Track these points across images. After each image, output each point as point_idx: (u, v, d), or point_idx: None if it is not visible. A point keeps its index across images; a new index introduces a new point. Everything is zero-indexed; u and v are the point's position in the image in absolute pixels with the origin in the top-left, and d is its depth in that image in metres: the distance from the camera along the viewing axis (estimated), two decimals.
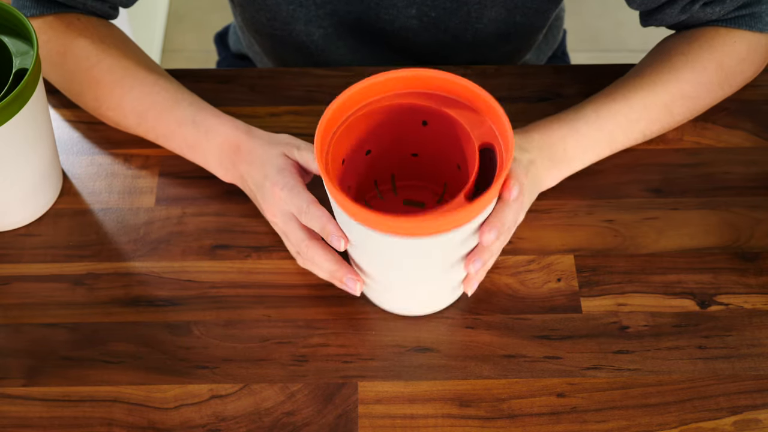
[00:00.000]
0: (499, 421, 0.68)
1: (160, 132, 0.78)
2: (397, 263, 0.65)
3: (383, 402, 0.69)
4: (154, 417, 0.68)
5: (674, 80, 0.79)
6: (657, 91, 0.78)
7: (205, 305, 0.73)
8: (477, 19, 0.87)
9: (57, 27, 0.80)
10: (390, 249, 0.62)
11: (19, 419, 0.68)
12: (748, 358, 0.71)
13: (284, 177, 0.70)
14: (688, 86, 0.79)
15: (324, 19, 0.89)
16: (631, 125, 0.78)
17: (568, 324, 0.72)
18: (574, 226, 0.78)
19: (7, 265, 0.76)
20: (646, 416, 0.68)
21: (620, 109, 0.77)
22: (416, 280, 0.67)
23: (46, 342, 0.71)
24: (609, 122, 0.77)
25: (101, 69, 0.79)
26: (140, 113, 0.78)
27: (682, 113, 0.80)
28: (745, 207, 0.79)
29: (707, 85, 0.79)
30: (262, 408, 0.68)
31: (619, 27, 2.03)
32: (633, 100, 0.78)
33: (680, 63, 0.79)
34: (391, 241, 0.60)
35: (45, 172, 0.76)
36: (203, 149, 0.76)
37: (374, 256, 0.65)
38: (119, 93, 0.78)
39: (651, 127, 0.79)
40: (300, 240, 0.69)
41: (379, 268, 0.67)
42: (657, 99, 0.78)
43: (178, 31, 2.06)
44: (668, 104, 0.78)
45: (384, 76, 0.63)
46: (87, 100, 0.80)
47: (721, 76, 0.80)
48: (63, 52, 0.80)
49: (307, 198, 0.68)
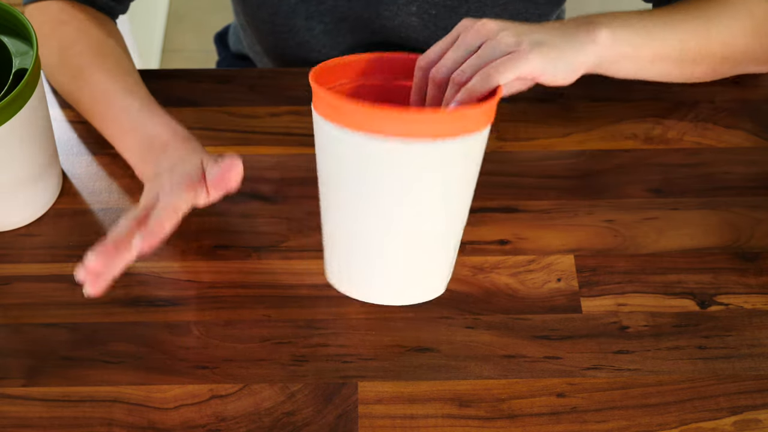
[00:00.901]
0: (499, 421, 0.68)
1: (105, 115, 0.78)
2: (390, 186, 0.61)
3: (383, 402, 0.69)
4: (154, 417, 0.68)
5: (705, 8, 0.77)
6: (689, 10, 0.77)
7: (205, 305, 0.73)
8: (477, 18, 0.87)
9: (52, 10, 0.83)
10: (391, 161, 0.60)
11: (19, 419, 0.68)
12: (748, 358, 0.71)
13: (181, 176, 0.68)
14: (723, 17, 0.77)
15: (325, 15, 0.89)
16: (668, 27, 0.75)
17: (568, 324, 0.72)
18: (574, 226, 0.78)
19: (7, 265, 0.76)
20: (646, 416, 0.68)
21: (655, 14, 0.75)
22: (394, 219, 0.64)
23: (46, 342, 0.71)
24: (646, 18, 0.74)
25: (75, 52, 0.80)
26: (95, 98, 0.79)
27: (717, 40, 0.77)
28: (745, 207, 0.79)
29: (740, 24, 0.78)
30: (262, 408, 0.68)
31: None
32: (664, 12, 0.76)
33: (711, 3, 0.78)
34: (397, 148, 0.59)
35: (45, 173, 0.76)
36: (135, 138, 0.75)
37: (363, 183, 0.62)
38: (84, 77, 0.79)
39: (687, 38, 0.76)
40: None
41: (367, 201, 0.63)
42: (690, 16, 0.76)
43: (178, 31, 2.06)
44: (705, 23, 0.76)
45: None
46: (56, 83, 0.82)
47: (754, 23, 0.78)
48: (50, 34, 0.82)
49: (175, 199, 0.67)
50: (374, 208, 0.63)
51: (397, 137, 0.59)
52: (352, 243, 0.65)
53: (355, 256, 0.66)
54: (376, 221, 0.63)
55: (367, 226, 0.64)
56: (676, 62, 0.76)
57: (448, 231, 0.66)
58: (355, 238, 0.65)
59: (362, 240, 0.65)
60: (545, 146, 0.83)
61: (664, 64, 0.76)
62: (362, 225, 0.64)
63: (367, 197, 0.62)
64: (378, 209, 0.63)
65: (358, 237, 0.65)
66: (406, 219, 0.63)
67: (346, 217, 0.64)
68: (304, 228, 0.77)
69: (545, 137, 0.83)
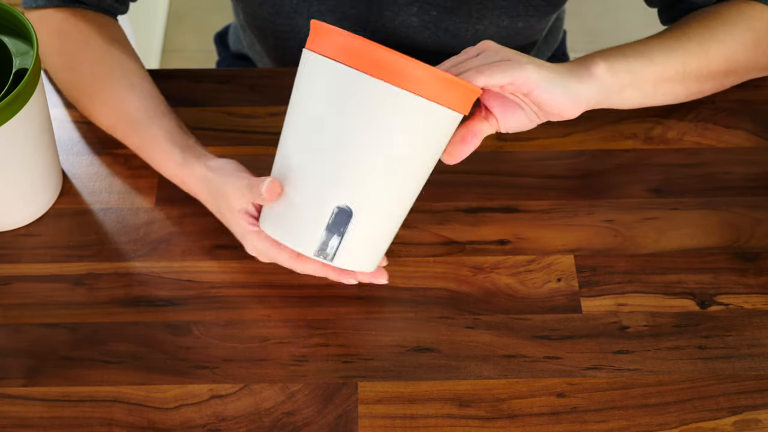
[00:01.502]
0: (499, 421, 0.68)
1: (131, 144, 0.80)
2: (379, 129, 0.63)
3: (383, 402, 0.69)
4: (154, 417, 0.68)
5: (705, 27, 0.78)
6: (689, 33, 0.77)
7: (205, 305, 0.73)
8: (478, 19, 0.87)
9: (57, 19, 0.82)
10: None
11: (19, 419, 0.68)
12: (748, 358, 0.71)
13: (252, 242, 0.71)
14: (721, 34, 0.78)
15: (326, 15, 0.89)
16: (668, 52, 0.76)
17: (568, 324, 0.72)
18: (574, 226, 0.78)
19: (7, 265, 0.76)
20: (646, 416, 0.68)
21: (652, 40, 0.77)
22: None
23: (46, 342, 0.71)
24: (643, 45, 0.76)
25: (83, 68, 0.81)
26: (108, 127, 0.81)
27: (717, 59, 0.78)
28: (745, 207, 0.79)
29: (740, 39, 0.78)
30: (262, 408, 0.68)
31: (619, 27, 2.03)
32: (665, 36, 0.77)
33: (710, 18, 0.79)
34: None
35: (45, 172, 0.76)
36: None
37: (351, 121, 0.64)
38: (97, 96, 0.80)
39: (689, 60, 0.77)
40: (288, 262, 0.71)
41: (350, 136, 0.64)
42: (690, 38, 0.77)
43: (178, 31, 2.06)
44: (702, 44, 0.77)
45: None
46: (72, 99, 0.83)
47: (755, 36, 0.79)
48: (55, 46, 0.81)
49: (287, 255, 0.70)
50: (335, 139, 0.64)
51: (384, 80, 0.62)
52: (299, 172, 0.66)
53: (295, 192, 0.66)
54: (331, 154, 0.65)
55: (322, 156, 0.65)
56: (680, 83, 0.77)
57: (387, 194, 0.66)
58: (307, 168, 0.66)
59: (311, 170, 0.66)
60: (545, 146, 0.83)
61: (668, 87, 0.77)
62: (317, 155, 0.65)
63: (334, 127, 0.64)
64: (337, 139, 0.64)
65: (310, 167, 0.66)
66: (356, 162, 0.64)
67: (301, 147, 0.66)
68: None
69: (545, 137, 0.83)
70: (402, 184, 0.66)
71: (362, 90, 0.62)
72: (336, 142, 0.64)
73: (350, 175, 0.64)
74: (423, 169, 0.66)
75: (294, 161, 0.66)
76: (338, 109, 0.63)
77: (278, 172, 0.67)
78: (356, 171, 0.64)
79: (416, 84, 0.62)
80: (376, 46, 0.62)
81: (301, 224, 0.66)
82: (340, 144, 0.64)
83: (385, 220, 0.67)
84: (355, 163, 0.64)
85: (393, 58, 0.62)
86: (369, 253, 0.68)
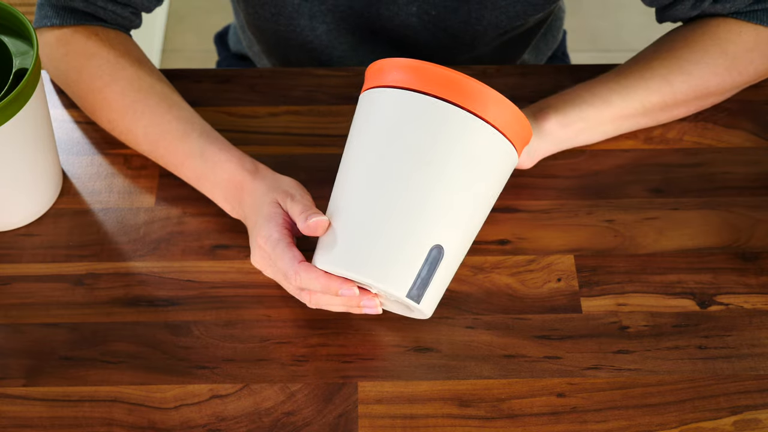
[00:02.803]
0: (499, 421, 0.68)
1: (170, 161, 0.77)
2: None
3: (383, 402, 0.69)
4: (154, 417, 0.68)
5: (672, 57, 0.79)
6: (653, 66, 0.78)
7: (205, 305, 0.73)
8: (477, 19, 0.87)
9: (77, 40, 0.80)
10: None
11: (19, 419, 0.68)
12: (748, 358, 0.71)
13: (269, 228, 0.68)
14: (688, 64, 0.78)
15: (327, 15, 0.89)
16: (626, 92, 0.77)
17: (568, 324, 0.72)
18: (574, 226, 0.78)
19: (7, 265, 0.76)
20: (646, 416, 0.68)
21: (612, 78, 0.78)
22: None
23: (46, 342, 0.71)
24: (602, 87, 0.77)
25: (114, 91, 0.78)
26: (151, 142, 0.77)
27: (683, 90, 0.79)
28: (745, 207, 0.79)
29: (710, 66, 0.79)
30: (262, 408, 0.68)
31: (619, 27, 2.03)
32: (627, 71, 0.78)
33: (679, 44, 0.79)
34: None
35: (45, 172, 0.76)
36: (210, 184, 0.75)
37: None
38: (130, 119, 0.77)
39: (650, 97, 0.78)
40: (298, 293, 0.69)
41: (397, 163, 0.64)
42: (654, 71, 0.78)
43: (178, 31, 2.06)
44: (666, 76, 0.78)
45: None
46: (101, 120, 0.80)
47: (727, 61, 0.79)
48: (79, 68, 0.79)
49: (291, 258, 0.66)
50: (431, 178, 0.63)
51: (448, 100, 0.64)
52: (360, 209, 0.64)
53: (358, 224, 0.64)
54: (393, 184, 0.63)
55: (384, 191, 0.63)
56: (642, 117, 0.80)
57: (470, 232, 0.66)
58: (369, 203, 0.64)
59: (373, 206, 0.64)
60: None
61: (630, 122, 0.80)
62: (379, 190, 0.64)
63: (396, 155, 0.64)
64: (399, 171, 0.63)
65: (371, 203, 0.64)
66: (454, 200, 0.64)
67: (391, 182, 0.64)
68: None
69: None
70: (480, 222, 0.67)
71: (471, 132, 0.64)
72: (432, 182, 0.63)
73: (448, 213, 0.63)
74: (490, 207, 0.68)
75: (377, 197, 0.63)
76: (446, 150, 0.63)
77: (351, 207, 0.64)
78: (453, 209, 0.64)
79: (507, 128, 0.65)
80: (477, 83, 0.64)
81: (393, 263, 0.63)
82: (435, 182, 0.63)
83: (461, 259, 0.67)
84: (452, 201, 0.63)
85: (500, 99, 0.64)
86: (440, 294, 0.66)
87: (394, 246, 0.63)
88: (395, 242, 0.62)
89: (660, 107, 0.79)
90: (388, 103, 0.65)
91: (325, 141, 0.83)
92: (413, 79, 0.64)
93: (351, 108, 0.85)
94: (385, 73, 0.66)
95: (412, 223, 0.63)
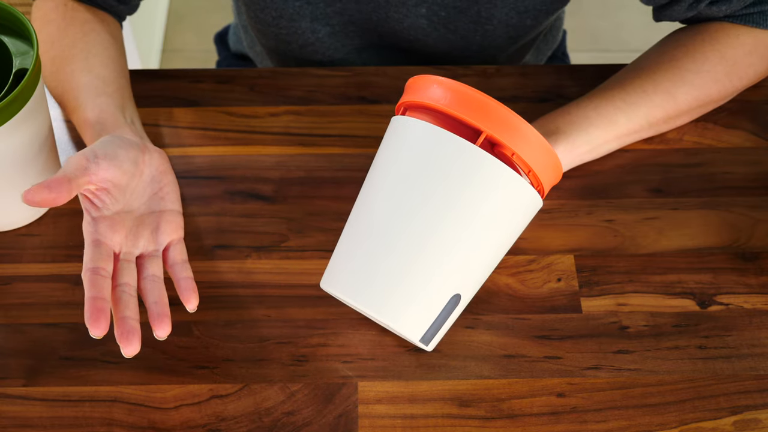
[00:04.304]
0: (499, 421, 0.68)
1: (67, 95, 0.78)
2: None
3: (383, 402, 0.69)
4: (154, 417, 0.68)
5: (674, 68, 0.78)
6: (656, 79, 0.78)
7: (205, 305, 0.73)
8: (487, 19, 0.87)
9: (74, 8, 0.82)
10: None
11: (19, 419, 0.68)
12: (748, 358, 0.71)
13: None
14: (690, 74, 0.78)
15: (332, 17, 0.89)
16: (631, 109, 0.77)
17: (568, 324, 0.72)
18: (574, 226, 0.78)
19: (7, 265, 0.76)
20: (646, 416, 0.68)
21: (616, 94, 0.78)
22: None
23: (46, 342, 0.71)
24: (607, 104, 0.77)
25: (65, 45, 0.80)
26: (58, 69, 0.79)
27: (687, 101, 0.79)
28: (745, 207, 0.79)
29: (711, 73, 0.79)
30: (262, 408, 0.68)
31: (619, 27, 2.03)
32: (630, 86, 0.78)
33: (680, 53, 0.79)
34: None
35: (45, 172, 0.76)
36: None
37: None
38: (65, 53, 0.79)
39: (654, 112, 0.78)
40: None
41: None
42: (657, 85, 0.78)
43: (178, 31, 2.06)
44: (669, 89, 0.78)
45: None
46: (45, 59, 0.81)
47: (726, 66, 0.79)
48: (61, 28, 0.81)
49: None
50: (421, 206, 0.63)
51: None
52: (377, 242, 0.64)
53: (371, 257, 0.64)
54: (414, 223, 0.63)
55: (404, 227, 0.63)
56: (647, 131, 0.80)
57: (485, 278, 0.68)
58: (385, 237, 0.64)
59: (390, 241, 0.64)
60: None
61: (634, 137, 0.80)
62: (399, 225, 0.63)
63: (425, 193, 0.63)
64: (422, 210, 0.63)
65: (388, 237, 0.64)
66: (441, 230, 0.63)
67: (384, 213, 0.64)
68: (304, 228, 0.77)
69: None
70: (494, 267, 0.68)
71: (514, 189, 0.64)
72: (459, 230, 0.63)
73: (472, 263, 0.64)
74: (504, 239, 0.67)
75: (403, 238, 0.63)
76: (480, 200, 0.63)
77: (374, 241, 0.64)
78: (478, 260, 0.65)
79: (547, 184, 0.68)
80: (532, 130, 0.64)
81: (412, 308, 0.64)
82: (462, 231, 0.63)
83: (469, 300, 0.68)
84: (478, 252, 0.64)
85: (548, 150, 0.65)
86: (444, 332, 0.68)
87: (415, 291, 0.64)
88: (416, 288, 0.64)
89: (663, 120, 0.79)
90: (423, 139, 0.64)
91: (325, 141, 0.83)
92: (456, 104, 0.63)
93: (351, 108, 0.85)
94: (426, 90, 0.65)
95: (437, 271, 0.64)
